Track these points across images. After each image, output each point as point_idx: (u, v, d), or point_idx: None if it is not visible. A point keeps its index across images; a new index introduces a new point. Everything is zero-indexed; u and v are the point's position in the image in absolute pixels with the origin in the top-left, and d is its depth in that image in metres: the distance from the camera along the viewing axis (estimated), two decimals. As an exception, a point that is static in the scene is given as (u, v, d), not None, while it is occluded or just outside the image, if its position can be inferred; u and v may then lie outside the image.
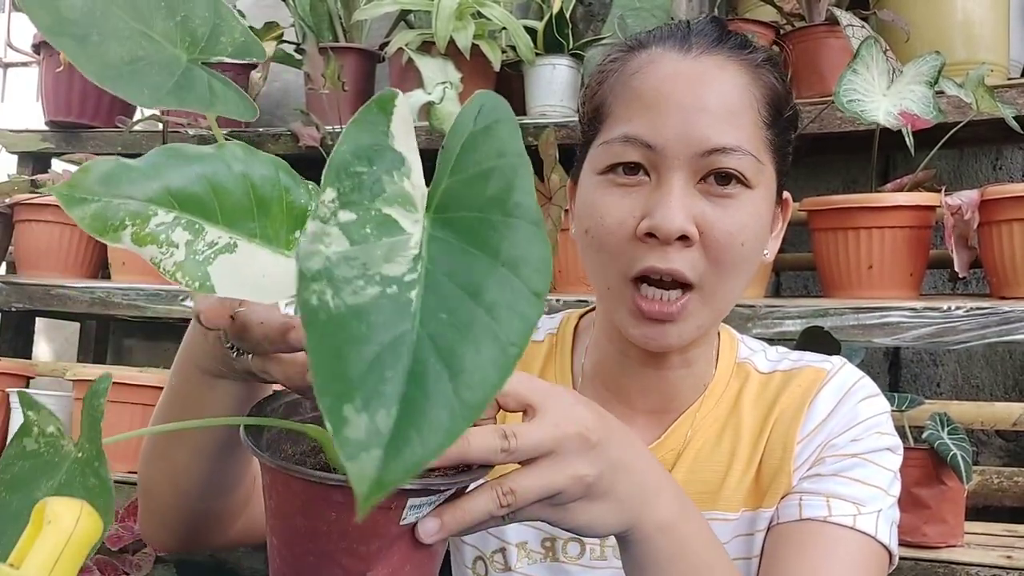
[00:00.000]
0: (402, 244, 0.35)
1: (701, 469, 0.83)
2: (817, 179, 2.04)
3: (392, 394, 0.31)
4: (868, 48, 1.47)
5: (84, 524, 0.63)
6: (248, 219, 0.42)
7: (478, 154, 0.39)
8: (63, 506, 0.63)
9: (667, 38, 0.78)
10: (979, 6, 1.78)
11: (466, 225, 0.37)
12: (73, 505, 0.64)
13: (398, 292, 0.33)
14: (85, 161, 2.04)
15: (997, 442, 1.93)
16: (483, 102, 0.40)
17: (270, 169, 0.44)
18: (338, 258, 0.33)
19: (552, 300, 1.57)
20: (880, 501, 0.78)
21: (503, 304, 0.34)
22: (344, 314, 0.32)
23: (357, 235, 0.34)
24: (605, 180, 0.76)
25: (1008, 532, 1.55)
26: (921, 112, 1.43)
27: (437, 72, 1.79)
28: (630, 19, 1.85)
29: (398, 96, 0.39)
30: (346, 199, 0.36)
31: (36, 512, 0.54)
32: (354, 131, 0.38)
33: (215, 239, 0.41)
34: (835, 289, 1.55)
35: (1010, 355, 1.95)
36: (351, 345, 0.31)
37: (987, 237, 1.48)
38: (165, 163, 0.41)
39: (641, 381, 0.84)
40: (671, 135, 0.73)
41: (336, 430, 0.29)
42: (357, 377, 0.30)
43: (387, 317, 0.32)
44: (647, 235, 0.73)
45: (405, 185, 0.37)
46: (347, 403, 0.30)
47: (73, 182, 0.38)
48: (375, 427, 0.30)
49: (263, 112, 2.45)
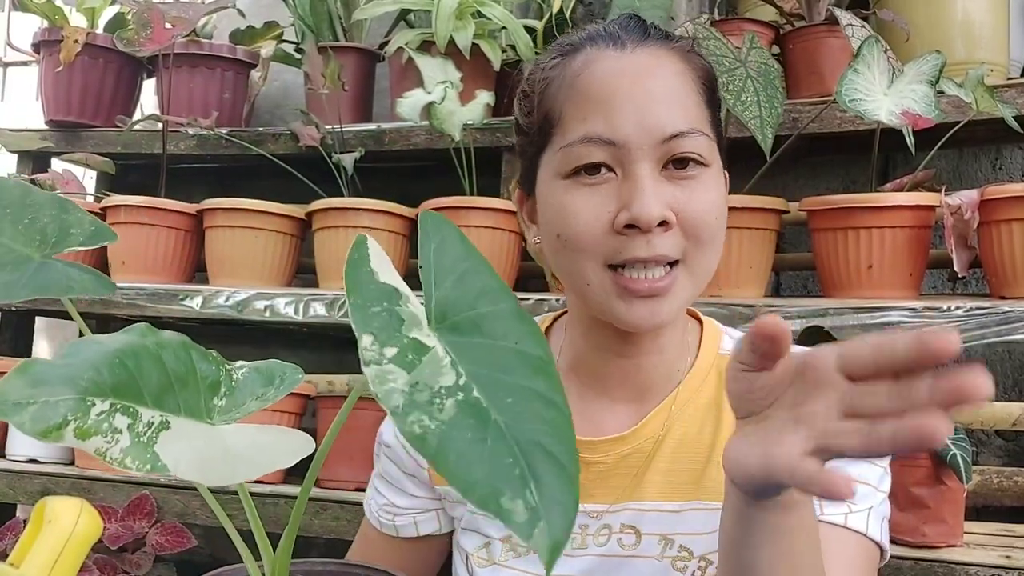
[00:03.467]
0: (435, 358, 0.41)
1: (683, 459, 0.84)
2: (817, 179, 2.04)
3: (523, 475, 0.37)
4: (869, 47, 1.47)
5: (84, 523, 0.63)
6: (171, 395, 0.44)
7: (447, 262, 0.46)
8: (63, 506, 0.64)
9: (597, 39, 0.81)
10: (979, 6, 1.78)
11: (470, 323, 0.44)
12: (73, 505, 0.64)
13: (465, 396, 0.39)
14: (85, 159, 2.04)
15: (997, 442, 1.93)
16: (428, 222, 0.48)
17: (178, 346, 0.47)
18: (409, 388, 0.39)
19: (552, 300, 1.57)
20: (871, 498, 0.79)
21: (533, 372, 0.42)
22: (446, 430, 0.38)
23: (406, 364, 0.40)
24: (571, 183, 0.78)
25: (1008, 532, 1.55)
26: (923, 111, 1.43)
27: (437, 72, 1.79)
28: (630, 19, 1.85)
29: (367, 239, 0.45)
30: (382, 338, 0.41)
31: (36, 512, 0.54)
32: (352, 278, 0.43)
33: (150, 419, 0.42)
34: (835, 289, 1.55)
35: (1010, 355, 1.95)
36: (469, 452, 0.37)
37: (987, 237, 1.48)
38: (87, 354, 0.42)
39: (617, 372, 0.86)
40: (630, 128, 0.76)
41: (507, 520, 0.36)
42: (493, 474, 0.37)
43: (475, 419, 0.39)
44: (626, 227, 0.75)
45: (411, 308, 0.43)
46: (501, 497, 0.37)
47: (3, 391, 0.38)
48: (530, 505, 0.36)
49: (263, 111, 2.45)
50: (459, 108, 1.72)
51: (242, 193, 1.96)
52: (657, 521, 0.84)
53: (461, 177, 1.79)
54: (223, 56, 2.18)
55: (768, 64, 1.57)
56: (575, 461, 0.39)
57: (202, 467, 0.40)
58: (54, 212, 0.56)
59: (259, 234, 1.88)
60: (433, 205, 1.76)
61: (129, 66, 2.23)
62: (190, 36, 2.14)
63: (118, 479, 1.79)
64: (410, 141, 1.96)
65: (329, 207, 1.84)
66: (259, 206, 1.88)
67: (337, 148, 1.96)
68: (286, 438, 0.43)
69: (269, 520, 1.66)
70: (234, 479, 0.40)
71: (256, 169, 2.08)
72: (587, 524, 0.86)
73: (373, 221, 1.80)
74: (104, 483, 1.81)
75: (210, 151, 2.11)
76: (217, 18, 2.34)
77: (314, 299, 1.76)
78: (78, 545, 0.62)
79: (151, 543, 1.71)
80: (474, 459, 0.37)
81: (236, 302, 1.80)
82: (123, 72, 2.23)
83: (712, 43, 1.53)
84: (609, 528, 0.85)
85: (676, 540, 0.84)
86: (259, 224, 1.88)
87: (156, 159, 2.08)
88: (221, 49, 2.19)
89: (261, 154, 2.01)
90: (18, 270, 0.52)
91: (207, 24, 2.31)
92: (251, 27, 2.26)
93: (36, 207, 0.56)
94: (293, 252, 1.94)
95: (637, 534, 0.85)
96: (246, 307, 1.79)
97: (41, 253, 0.54)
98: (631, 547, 0.85)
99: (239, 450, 0.41)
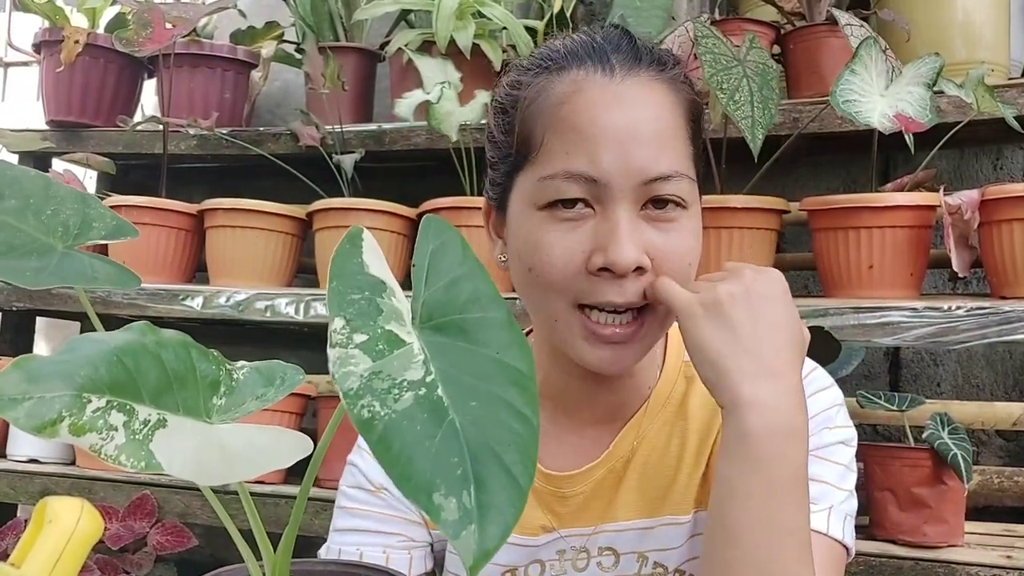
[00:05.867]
0: (408, 352, 0.40)
1: (652, 475, 0.84)
2: (817, 179, 2.04)
3: (464, 476, 0.36)
4: (867, 48, 1.47)
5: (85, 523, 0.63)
6: (169, 394, 0.44)
7: (443, 266, 0.46)
8: (63, 506, 0.64)
9: (585, 58, 0.77)
10: (980, 6, 1.78)
11: (454, 327, 0.43)
12: (73, 505, 0.64)
13: (427, 392, 0.39)
14: (86, 160, 2.04)
15: (997, 442, 1.93)
16: (430, 226, 0.47)
17: (178, 345, 0.47)
18: (369, 374, 0.38)
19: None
20: (831, 496, 0.78)
21: (510, 383, 0.41)
22: (397, 419, 0.37)
23: (373, 352, 0.39)
24: (547, 216, 0.75)
25: (1008, 532, 1.55)
26: (916, 115, 1.42)
27: (437, 72, 1.79)
28: (631, 18, 1.86)
29: (363, 231, 0.45)
30: (354, 324, 0.40)
31: (37, 512, 0.54)
32: (338, 265, 0.43)
33: (147, 417, 0.42)
34: (835, 289, 1.55)
35: (1010, 355, 1.95)
36: (414, 444, 0.37)
37: (988, 237, 1.48)
38: (85, 351, 0.42)
39: (586, 395, 0.85)
40: (612, 168, 0.73)
41: (435, 517, 0.35)
42: (432, 469, 0.36)
43: (430, 414, 0.38)
44: (600, 269, 0.73)
45: (394, 303, 0.43)
46: (435, 492, 0.35)
47: (0, 386, 0.39)
48: (464, 507, 0.35)
49: (263, 111, 2.45)
50: (457, 108, 1.72)
51: (242, 193, 1.96)
52: (633, 539, 0.84)
53: (461, 177, 1.79)
54: (224, 56, 2.18)
55: (766, 64, 1.57)
56: (528, 477, 0.37)
57: (197, 466, 0.40)
58: (76, 206, 0.56)
59: (260, 234, 1.88)
60: (433, 205, 1.76)
61: (130, 66, 2.23)
62: (191, 36, 2.14)
63: (119, 479, 1.80)
64: (410, 141, 1.96)
65: (329, 207, 1.84)
66: (260, 206, 1.88)
67: (337, 148, 1.96)
68: (283, 438, 0.43)
69: (269, 520, 1.66)
70: (229, 479, 0.40)
71: (256, 169, 2.08)
72: (564, 550, 0.85)
73: (373, 221, 1.80)
74: (105, 483, 1.81)
75: (211, 151, 2.11)
76: (218, 18, 2.34)
77: (315, 299, 1.76)
78: (79, 545, 0.62)
79: (152, 543, 1.71)
80: (417, 452, 0.36)
81: (237, 302, 1.80)
82: (124, 72, 2.23)
83: (711, 42, 1.53)
84: (588, 552, 0.85)
85: (650, 556, 0.84)
86: (260, 224, 1.88)
87: (157, 159, 2.08)
88: (222, 49, 2.19)
89: (261, 154, 2.01)
90: (43, 258, 0.52)
91: (208, 24, 2.32)
92: (252, 27, 2.26)
93: (59, 200, 0.56)
94: (294, 252, 1.94)
95: (615, 555, 0.84)
96: (247, 307, 1.80)
97: (64, 244, 0.54)
98: (610, 568, 0.84)
99: (236, 450, 0.41)
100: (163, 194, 1.98)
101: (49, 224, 0.55)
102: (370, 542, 0.86)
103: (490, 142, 0.84)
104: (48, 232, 0.54)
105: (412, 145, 1.96)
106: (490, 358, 0.42)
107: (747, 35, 1.61)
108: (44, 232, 0.54)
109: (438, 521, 0.35)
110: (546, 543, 0.85)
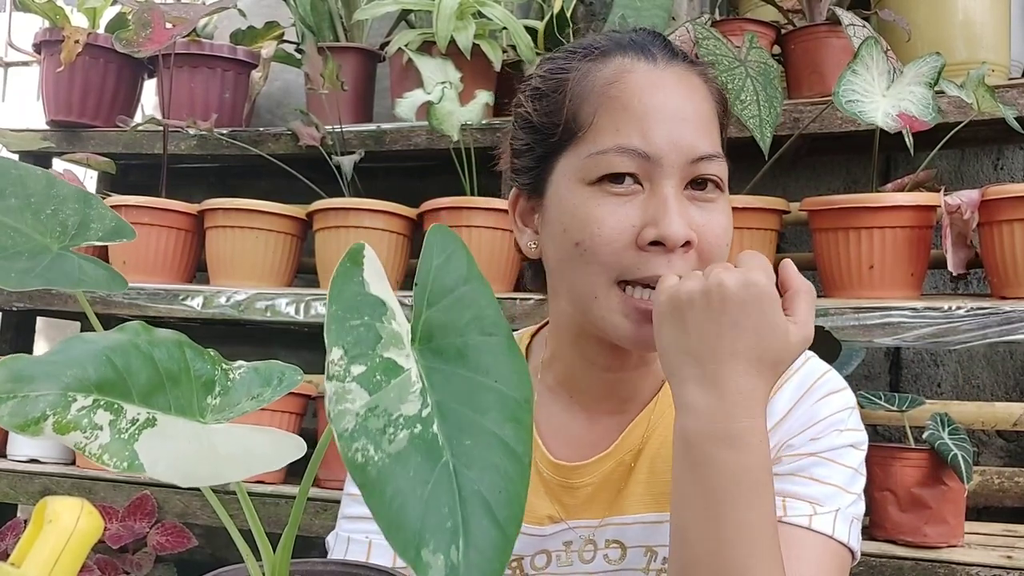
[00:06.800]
0: (406, 382, 0.39)
1: (661, 469, 0.84)
2: (818, 179, 2.04)
3: (454, 528, 0.36)
4: (868, 48, 1.47)
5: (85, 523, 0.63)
6: (160, 393, 0.44)
7: (447, 283, 0.44)
8: (64, 505, 0.63)
9: (627, 47, 0.81)
10: (980, 6, 1.78)
11: (454, 350, 0.42)
12: (73, 505, 0.64)
13: (423, 430, 0.38)
14: (86, 160, 2.04)
15: (998, 442, 1.92)
16: (436, 239, 0.46)
17: (172, 344, 0.46)
18: (365, 412, 0.37)
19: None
20: (838, 499, 0.78)
21: (505, 417, 0.40)
22: (390, 464, 0.36)
23: (371, 385, 0.38)
24: (596, 190, 0.77)
25: (1008, 532, 1.55)
26: (919, 114, 1.43)
27: (437, 72, 1.79)
28: (631, 18, 1.85)
29: (365, 247, 0.43)
30: (352, 353, 0.39)
31: (37, 512, 0.54)
32: (337, 286, 0.41)
33: (135, 416, 0.42)
34: (836, 289, 1.55)
35: (1011, 355, 1.95)
36: (406, 492, 0.36)
37: (988, 237, 1.48)
38: (75, 351, 0.42)
39: (603, 385, 0.86)
40: (664, 144, 0.75)
41: (422, 573, 0.35)
42: (421, 520, 0.35)
43: (424, 457, 0.37)
44: (651, 244, 0.75)
45: (393, 326, 0.41)
46: (423, 548, 0.35)
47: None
48: (451, 563, 0.35)
49: (263, 111, 2.45)
50: (458, 108, 1.72)
51: (242, 193, 1.96)
52: (640, 533, 0.84)
53: (461, 177, 1.79)
54: (224, 56, 2.18)
55: (767, 64, 1.57)
56: (516, 524, 0.37)
57: (182, 467, 0.40)
58: (77, 205, 0.56)
59: (260, 234, 1.88)
60: (433, 205, 1.76)
61: (130, 66, 2.23)
62: (191, 36, 2.14)
63: (119, 479, 1.79)
64: (410, 141, 1.96)
65: (330, 207, 1.84)
66: (260, 206, 1.88)
67: (337, 148, 1.96)
68: (275, 439, 0.42)
69: (269, 520, 1.66)
70: (216, 480, 0.39)
71: (256, 169, 2.08)
72: (571, 541, 0.85)
73: (373, 221, 1.80)
74: (105, 483, 1.81)
75: (211, 151, 2.11)
76: (218, 18, 2.34)
77: (315, 299, 1.76)
78: (79, 545, 0.62)
79: (152, 543, 1.71)
80: (410, 500, 0.36)
81: (237, 302, 1.80)
82: (124, 72, 2.23)
83: (712, 43, 1.53)
84: (594, 544, 0.85)
85: (659, 552, 0.84)
86: (260, 224, 1.88)
87: (157, 159, 2.08)
88: (222, 49, 2.19)
89: (261, 154, 2.01)
90: (33, 260, 0.52)
91: (208, 24, 2.32)
92: (252, 27, 2.26)
93: (60, 199, 0.56)
94: (294, 252, 1.94)
95: (622, 548, 0.84)
96: (247, 307, 1.80)
97: (60, 244, 0.54)
98: (617, 561, 0.84)
99: (226, 450, 0.41)
100: (163, 194, 1.98)
101: (47, 224, 0.54)
102: (378, 529, 0.86)
103: (522, 129, 0.85)
104: (45, 232, 0.54)
105: (412, 145, 1.96)
106: (490, 388, 0.41)
107: (747, 35, 1.61)
108: (41, 232, 0.54)
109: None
110: (553, 533, 0.85)
